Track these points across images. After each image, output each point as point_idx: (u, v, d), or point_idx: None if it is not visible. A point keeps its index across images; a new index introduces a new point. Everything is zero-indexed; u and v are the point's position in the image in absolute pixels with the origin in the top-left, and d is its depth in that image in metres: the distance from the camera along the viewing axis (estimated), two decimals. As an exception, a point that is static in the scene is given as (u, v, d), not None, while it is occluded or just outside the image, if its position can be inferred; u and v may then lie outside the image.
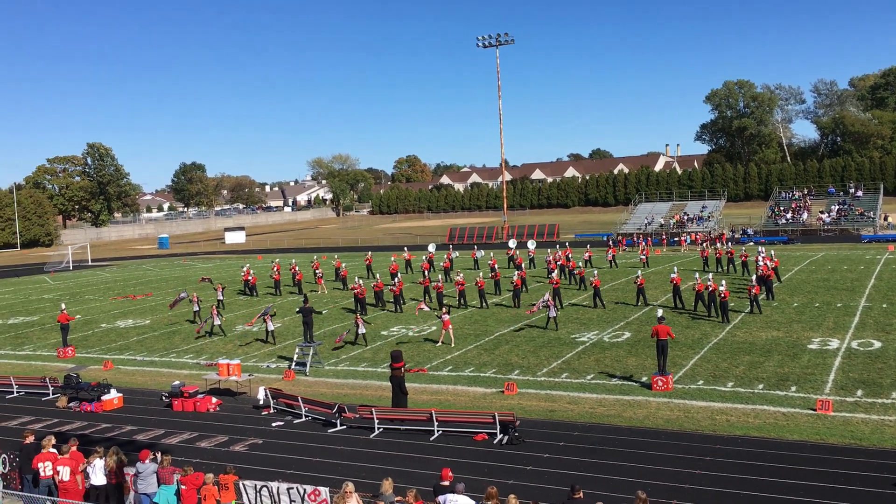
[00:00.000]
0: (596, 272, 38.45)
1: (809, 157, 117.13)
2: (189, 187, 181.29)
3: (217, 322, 33.50)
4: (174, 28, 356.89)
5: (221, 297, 39.55)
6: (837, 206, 70.36)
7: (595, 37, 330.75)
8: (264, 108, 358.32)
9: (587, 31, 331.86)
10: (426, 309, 33.53)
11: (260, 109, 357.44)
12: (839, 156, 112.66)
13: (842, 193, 77.46)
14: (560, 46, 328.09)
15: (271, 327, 31.13)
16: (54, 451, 15.07)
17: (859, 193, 74.20)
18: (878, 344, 24.82)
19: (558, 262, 44.92)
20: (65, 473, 14.45)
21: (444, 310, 29.53)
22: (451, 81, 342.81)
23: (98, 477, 14.53)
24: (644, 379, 22.27)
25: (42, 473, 14.76)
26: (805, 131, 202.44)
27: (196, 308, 36.34)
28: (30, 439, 15.80)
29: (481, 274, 39.09)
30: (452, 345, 28.27)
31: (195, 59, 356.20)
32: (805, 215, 70.70)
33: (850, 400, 19.33)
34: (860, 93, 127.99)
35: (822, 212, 70.10)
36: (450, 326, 28.61)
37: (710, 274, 37.96)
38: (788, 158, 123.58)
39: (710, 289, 30.62)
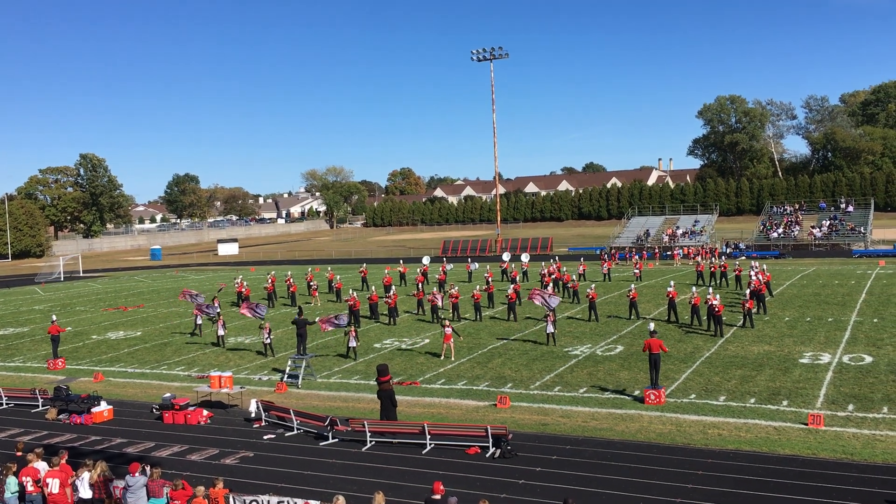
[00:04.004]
0: (593, 285, 38.51)
1: (801, 173, 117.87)
2: (182, 199, 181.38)
3: (221, 332, 33.42)
4: (168, 39, 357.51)
5: (219, 310, 38.82)
6: (828, 221, 70.72)
7: (589, 51, 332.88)
8: (258, 119, 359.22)
9: (581, 45, 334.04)
10: (440, 304, 33.51)
11: (254, 121, 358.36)
12: (830, 171, 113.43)
13: (833, 209, 77.86)
14: (554, 61, 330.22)
15: (268, 340, 30.93)
16: (39, 465, 14.96)
17: (850, 209, 74.64)
18: (869, 359, 24.89)
19: (552, 276, 45.01)
20: (54, 486, 14.35)
21: (446, 323, 29.34)
22: (446, 95, 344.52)
23: (86, 490, 14.44)
24: (636, 392, 22.28)
25: (27, 488, 14.64)
26: (796, 147, 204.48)
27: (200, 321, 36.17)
28: (20, 452, 15.70)
29: (477, 287, 39.06)
30: (453, 358, 28.19)
31: (189, 71, 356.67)
32: (796, 230, 71.02)
33: (841, 414, 19.36)
34: (851, 109, 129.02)
35: (813, 227, 70.43)
36: (451, 340, 28.55)
37: (711, 288, 38.12)
38: (780, 173, 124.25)
39: (708, 301, 30.65)
